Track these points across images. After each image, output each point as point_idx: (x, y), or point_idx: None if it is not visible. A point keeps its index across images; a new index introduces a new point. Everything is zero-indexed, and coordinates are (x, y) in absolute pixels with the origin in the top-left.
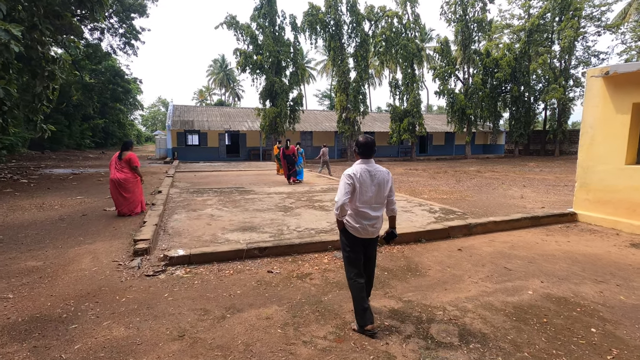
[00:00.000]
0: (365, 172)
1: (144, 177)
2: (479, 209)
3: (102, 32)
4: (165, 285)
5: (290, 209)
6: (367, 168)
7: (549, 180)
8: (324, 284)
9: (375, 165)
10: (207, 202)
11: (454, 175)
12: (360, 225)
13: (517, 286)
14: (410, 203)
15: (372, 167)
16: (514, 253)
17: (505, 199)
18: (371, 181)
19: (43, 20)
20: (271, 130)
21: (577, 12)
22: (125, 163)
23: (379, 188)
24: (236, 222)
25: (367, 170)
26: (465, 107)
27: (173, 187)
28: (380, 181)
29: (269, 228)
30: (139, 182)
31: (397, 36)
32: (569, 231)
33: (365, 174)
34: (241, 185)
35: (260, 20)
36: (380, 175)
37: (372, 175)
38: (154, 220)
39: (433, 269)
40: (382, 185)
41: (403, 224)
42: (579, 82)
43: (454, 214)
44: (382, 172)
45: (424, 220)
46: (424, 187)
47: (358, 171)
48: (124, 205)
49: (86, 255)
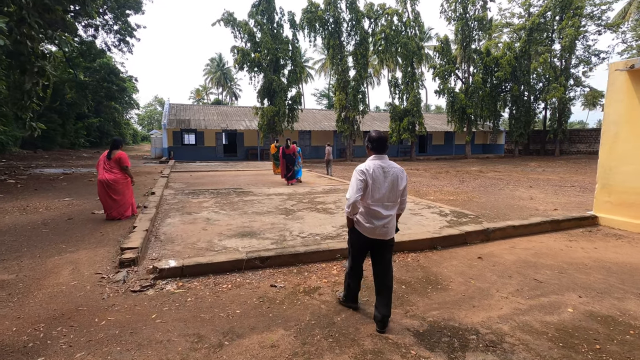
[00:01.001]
0: (378, 168)
1: (137, 177)
2: (489, 211)
3: (97, 29)
4: (153, 304)
5: (292, 211)
6: (381, 164)
7: (554, 181)
8: (335, 301)
9: (389, 162)
10: (203, 205)
11: (457, 175)
12: (370, 225)
13: (554, 302)
14: (418, 205)
15: (386, 163)
16: (540, 262)
17: (514, 200)
18: (384, 178)
19: (32, 14)
20: (269, 129)
21: (578, 11)
22: (114, 163)
23: (393, 185)
24: (234, 227)
25: (381, 166)
26: (466, 106)
27: (167, 188)
28: (394, 178)
29: (270, 233)
30: (129, 184)
31: (397, 34)
32: (592, 236)
33: (379, 170)
34: (239, 186)
35: (258, 17)
36: (394, 172)
37: (385, 171)
38: (144, 225)
39: (455, 281)
40: (395, 183)
41: (414, 229)
42: (579, 82)
43: (467, 217)
44: (396, 169)
45: (435, 224)
46: (428, 188)
47: (371, 167)
48: (113, 209)
49: (66, 267)
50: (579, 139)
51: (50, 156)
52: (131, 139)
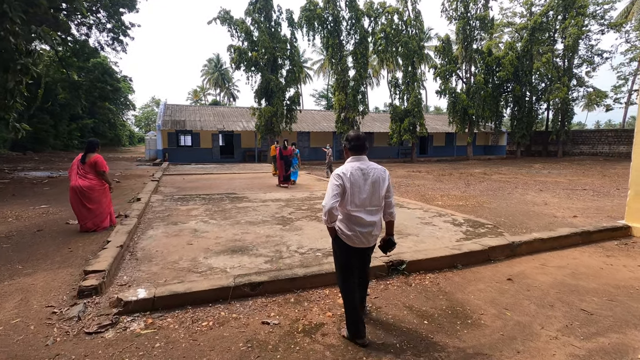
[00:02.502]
0: (357, 171)
1: (125, 181)
2: (504, 218)
3: (90, 27)
4: (109, 353)
5: (290, 220)
6: (360, 166)
7: (563, 184)
8: (343, 346)
9: (369, 163)
10: (191, 213)
11: (461, 177)
12: (353, 233)
13: (616, 344)
14: (427, 213)
15: (365, 164)
16: (581, 285)
17: (527, 205)
18: (364, 181)
19: (14, 8)
20: (267, 130)
21: (582, 10)
22: (89, 167)
23: (374, 188)
24: (224, 240)
25: (360, 168)
26: (468, 107)
27: (156, 193)
28: (375, 180)
29: (264, 248)
30: (107, 191)
31: (397, 33)
32: (630, 250)
33: (357, 173)
34: (233, 190)
35: (256, 15)
36: (375, 173)
37: (365, 173)
38: (120, 240)
39: (487, 313)
40: (377, 185)
41: (428, 242)
42: (582, 82)
43: (484, 227)
44: (377, 170)
45: (451, 235)
46: (434, 192)
47: (348, 170)
48: (88, 219)
49: (13, 296)
50: (581, 140)
51: (41, 158)
52: (127, 140)
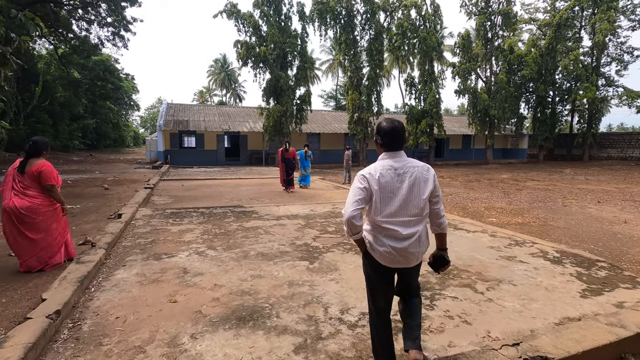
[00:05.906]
0: (389, 171)
1: (116, 187)
2: (593, 245)
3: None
4: None
5: (317, 252)
6: (393, 164)
7: (613, 192)
8: None
9: (406, 160)
10: (184, 237)
11: (492, 184)
12: (385, 249)
13: None
14: (496, 239)
15: (401, 162)
16: None
17: (602, 223)
18: (399, 183)
19: None
20: (275, 131)
21: (613, 4)
22: (31, 180)
23: (412, 192)
24: (226, 293)
25: (393, 167)
26: (489, 107)
27: (146, 206)
28: (414, 181)
29: (288, 313)
30: (57, 213)
31: (415, 29)
32: None
33: (389, 173)
34: (239, 201)
35: (265, 8)
36: (415, 172)
37: (400, 174)
38: (63, 295)
39: None
40: (417, 188)
41: (541, 300)
42: (611, 82)
43: (595, 265)
44: (418, 168)
45: (563, 285)
46: (473, 203)
47: (377, 170)
48: (30, 254)
49: None
50: (609, 144)
51: None
52: (132, 141)
